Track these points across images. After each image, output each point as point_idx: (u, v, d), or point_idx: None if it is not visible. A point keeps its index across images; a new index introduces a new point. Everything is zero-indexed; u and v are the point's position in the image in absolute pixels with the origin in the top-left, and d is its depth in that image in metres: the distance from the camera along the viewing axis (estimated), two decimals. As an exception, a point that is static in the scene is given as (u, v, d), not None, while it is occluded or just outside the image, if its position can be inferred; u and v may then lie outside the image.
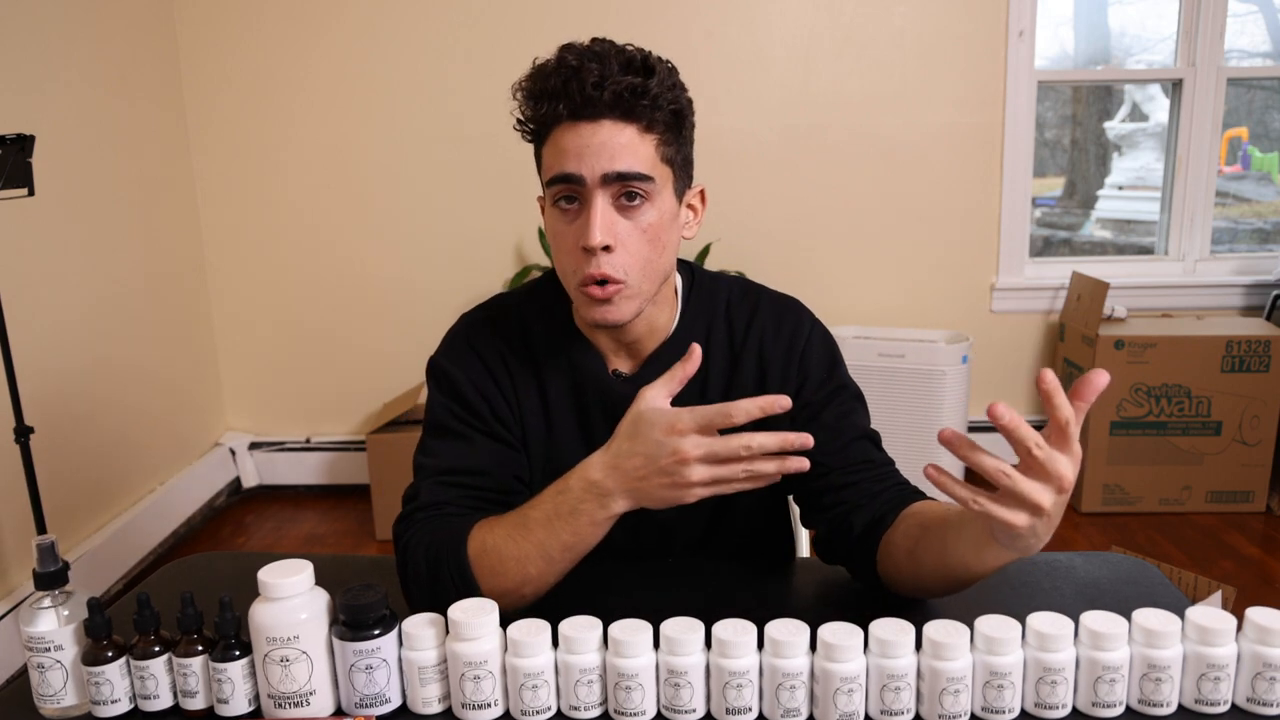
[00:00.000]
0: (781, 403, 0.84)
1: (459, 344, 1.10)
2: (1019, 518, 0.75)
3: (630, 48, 0.97)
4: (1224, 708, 0.80)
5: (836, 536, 1.03)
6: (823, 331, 1.12)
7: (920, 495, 1.02)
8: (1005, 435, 0.73)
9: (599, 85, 0.93)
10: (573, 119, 0.95)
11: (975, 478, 0.80)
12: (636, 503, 0.91)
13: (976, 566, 0.85)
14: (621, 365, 1.09)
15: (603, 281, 0.96)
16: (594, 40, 0.97)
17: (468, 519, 0.97)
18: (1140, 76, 3.46)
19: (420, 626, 0.83)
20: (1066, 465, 0.74)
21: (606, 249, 0.95)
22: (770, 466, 0.85)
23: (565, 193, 0.97)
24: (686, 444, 0.86)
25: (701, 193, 1.08)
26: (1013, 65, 3.02)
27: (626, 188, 0.96)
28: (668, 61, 0.99)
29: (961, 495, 0.75)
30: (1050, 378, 0.73)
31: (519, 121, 1.00)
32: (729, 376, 1.09)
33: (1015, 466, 0.75)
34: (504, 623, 0.83)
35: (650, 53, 0.98)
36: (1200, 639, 0.80)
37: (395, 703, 0.84)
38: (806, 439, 0.84)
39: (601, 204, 0.95)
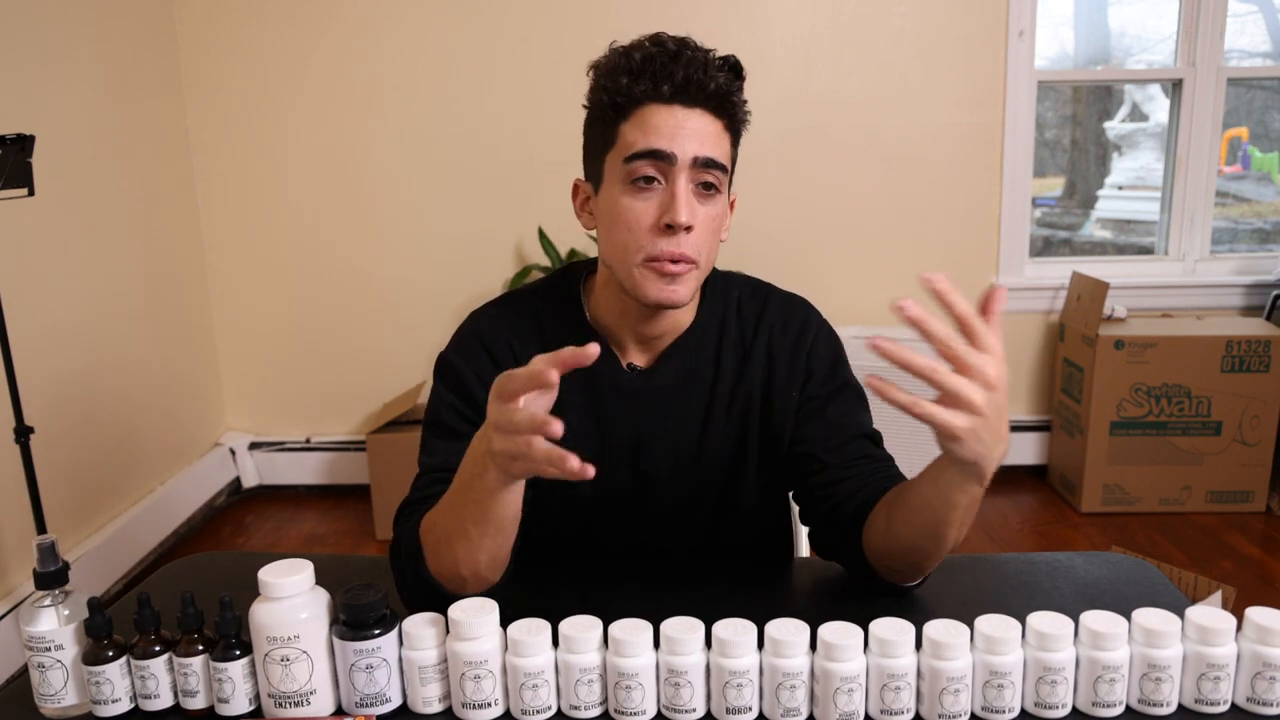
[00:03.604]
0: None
1: (470, 340, 1.09)
2: (958, 418, 0.77)
3: (712, 49, 1.00)
4: (1224, 707, 0.80)
5: (830, 528, 1.03)
6: (829, 330, 1.14)
7: None
8: (918, 331, 0.76)
9: (705, 72, 0.96)
10: (671, 101, 0.97)
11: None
12: (497, 467, 0.82)
13: (938, 502, 0.86)
14: (637, 359, 1.10)
15: (676, 260, 0.97)
16: (673, 35, 1.00)
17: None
18: (1140, 76, 3.46)
19: (420, 626, 0.83)
20: (986, 361, 0.77)
21: (688, 229, 0.97)
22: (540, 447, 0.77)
23: (646, 170, 0.97)
24: (491, 407, 0.80)
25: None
26: (1013, 65, 3.02)
27: (706, 176, 0.98)
28: None
29: (903, 400, 0.76)
30: (938, 279, 0.75)
31: (602, 95, 0.99)
32: (739, 371, 1.10)
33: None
34: (504, 622, 0.83)
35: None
36: (1200, 639, 0.80)
37: (395, 702, 0.84)
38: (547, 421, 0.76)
39: (686, 185, 0.97)
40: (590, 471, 0.76)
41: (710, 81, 0.96)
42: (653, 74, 0.96)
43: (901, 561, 0.96)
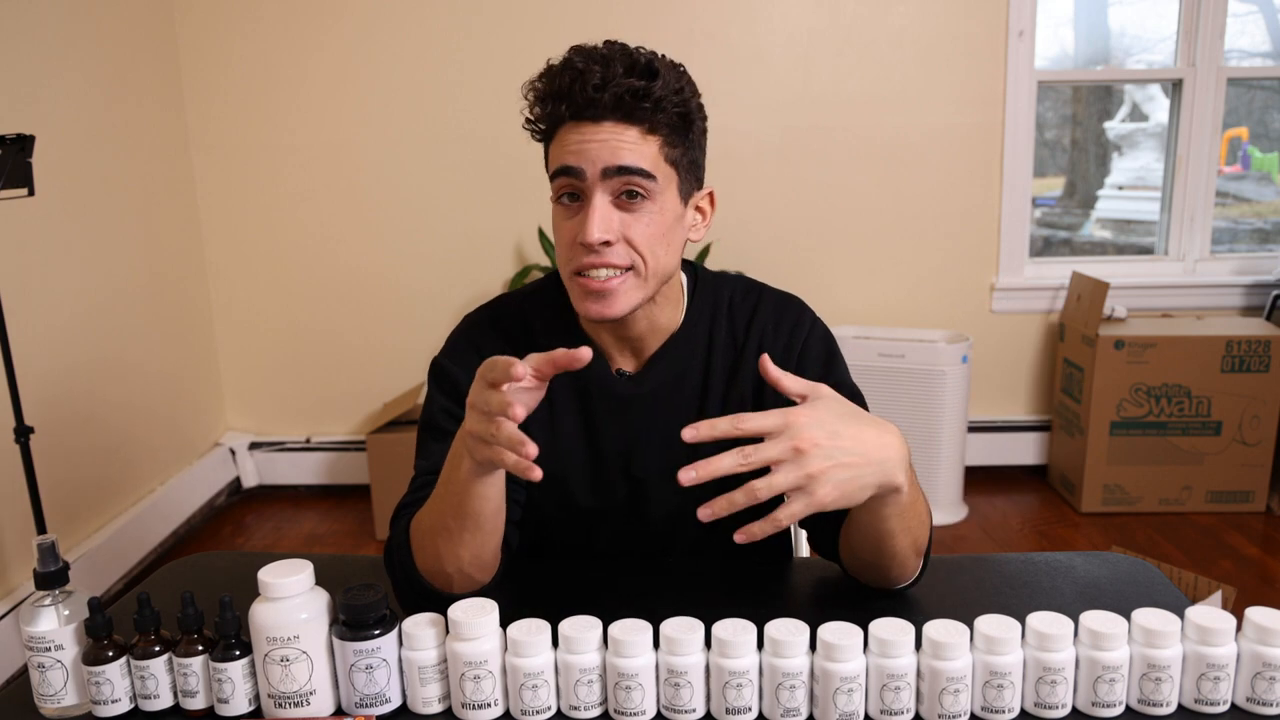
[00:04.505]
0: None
1: (462, 344, 1.10)
2: (811, 498, 0.79)
3: (640, 50, 0.97)
4: (1224, 707, 0.80)
5: (825, 530, 1.04)
6: (822, 330, 1.12)
7: None
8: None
9: (600, 88, 0.94)
10: (575, 119, 0.96)
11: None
12: (469, 452, 0.85)
13: (869, 519, 0.89)
14: (625, 364, 1.10)
15: (603, 273, 0.97)
16: (605, 42, 0.98)
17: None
18: (1140, 76, 3.46)
19: (420, 626, 0.83)
20: (771, 448, 0.79)
21: (605, 244, 0.96)
22: (503, 432, 0.80)
23: (567, 188, 0.98)
24: (473, 388, 0.83)
25: (710, 195, 1.09)
26: (1013, 65, 3.02)
27: (628, 184, 0.96)
28: (679, 65, 0.99)
29: (762, 530, 0.79)
30: (690, 431, 0.79)
31: (527, 120, 1.01)
32: (731, 373, 1.09)
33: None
34: (504, 622, 0.83)
35: (658, 55, 0.98)
36: (1200, 639, 0.80)
37: (395, 703, 0.84)
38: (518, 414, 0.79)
39: (601, 200, 0.96)
40: (537, 474, 0.79)
41: (607, 93, 0.94)
42: (555, 96, 0.97)
43: (871, 574, 0.98)
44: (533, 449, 0.79)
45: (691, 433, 0.78)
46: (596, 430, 1.08)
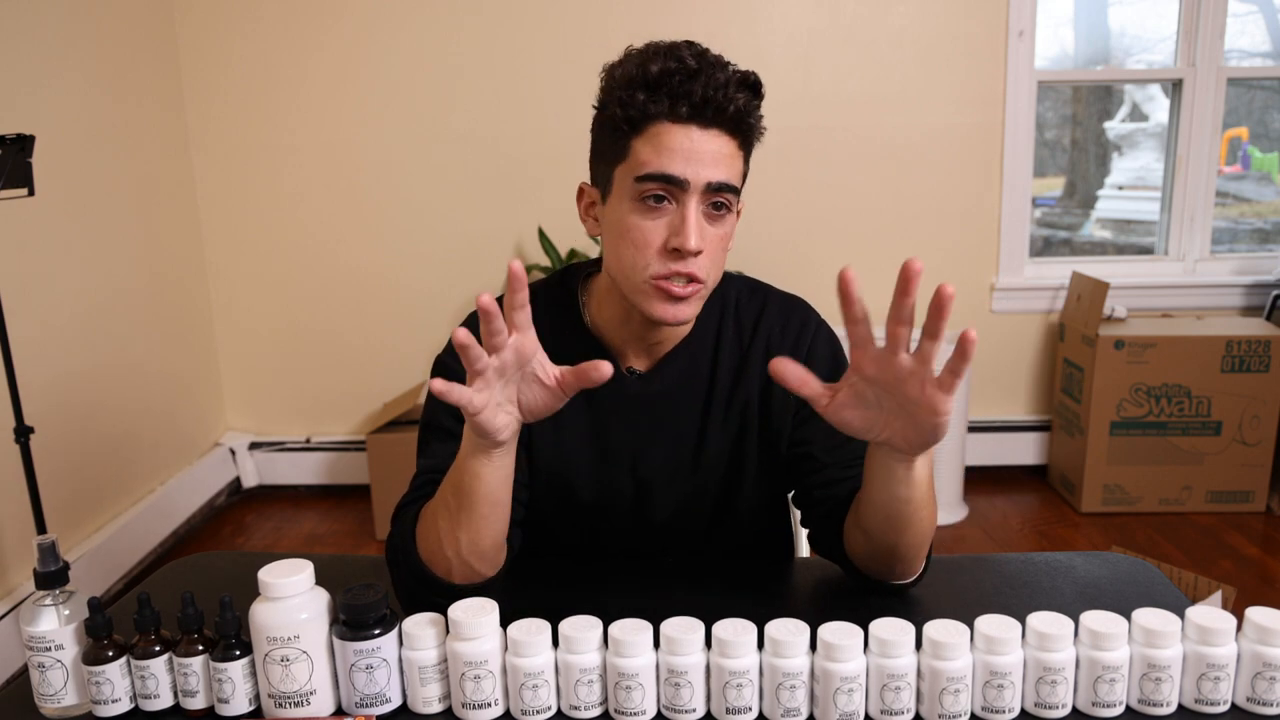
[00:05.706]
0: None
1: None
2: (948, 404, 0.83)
3: (720, 58, 0.97)
4: (1224, 708, 0.80)
5: (828, 529, 1.03)
6: (828, 331, 1.13)
7: None
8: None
9: (725, 95, 0.93)
10: (688, 120, 0.94)
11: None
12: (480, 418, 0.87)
13: (893, 484, 0.88)
14: (637, 363, 1.10)
15: (686, 280, 0.97)
16: (686, 43, 0.97)
17: None
18: (1140, 76, 3.46)
19: (420, 626, 0.83)
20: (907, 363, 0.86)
21: (696, 253, 0.96)
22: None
23: (657, 191, 0.96)
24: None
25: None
26: (1013, 65, 3.02)
27: (717, 198, 0.97)
28: None
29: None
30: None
31: (616, 107, 0.97)
32: (737, 373, 1.10)
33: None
34: (504, 622, 0.83)
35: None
36: (1200, 639, 0.80)
37: (395, 702, 0.84)
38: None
39: (696, 210, 0.96)
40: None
41: (730, 104, 0.93)
42: (670, 92, 0.93)
43: (881, 560, 0.97)
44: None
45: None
46: (603, 428, 1.08)
